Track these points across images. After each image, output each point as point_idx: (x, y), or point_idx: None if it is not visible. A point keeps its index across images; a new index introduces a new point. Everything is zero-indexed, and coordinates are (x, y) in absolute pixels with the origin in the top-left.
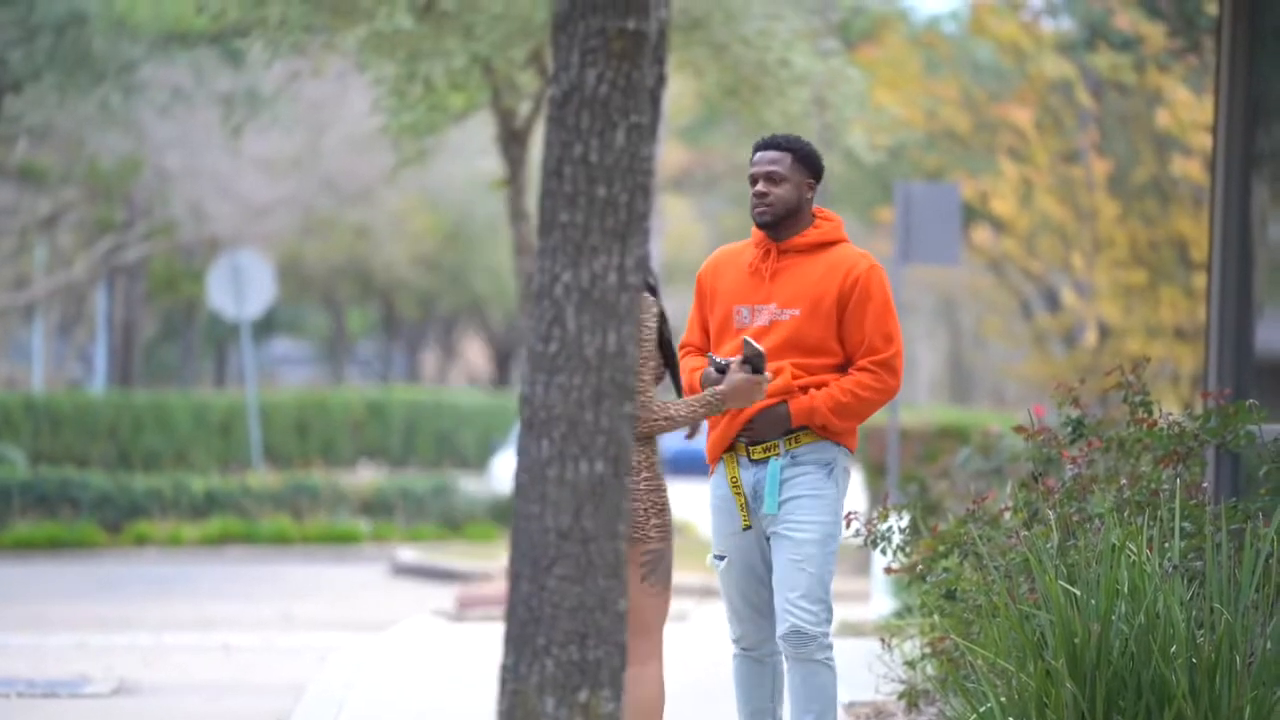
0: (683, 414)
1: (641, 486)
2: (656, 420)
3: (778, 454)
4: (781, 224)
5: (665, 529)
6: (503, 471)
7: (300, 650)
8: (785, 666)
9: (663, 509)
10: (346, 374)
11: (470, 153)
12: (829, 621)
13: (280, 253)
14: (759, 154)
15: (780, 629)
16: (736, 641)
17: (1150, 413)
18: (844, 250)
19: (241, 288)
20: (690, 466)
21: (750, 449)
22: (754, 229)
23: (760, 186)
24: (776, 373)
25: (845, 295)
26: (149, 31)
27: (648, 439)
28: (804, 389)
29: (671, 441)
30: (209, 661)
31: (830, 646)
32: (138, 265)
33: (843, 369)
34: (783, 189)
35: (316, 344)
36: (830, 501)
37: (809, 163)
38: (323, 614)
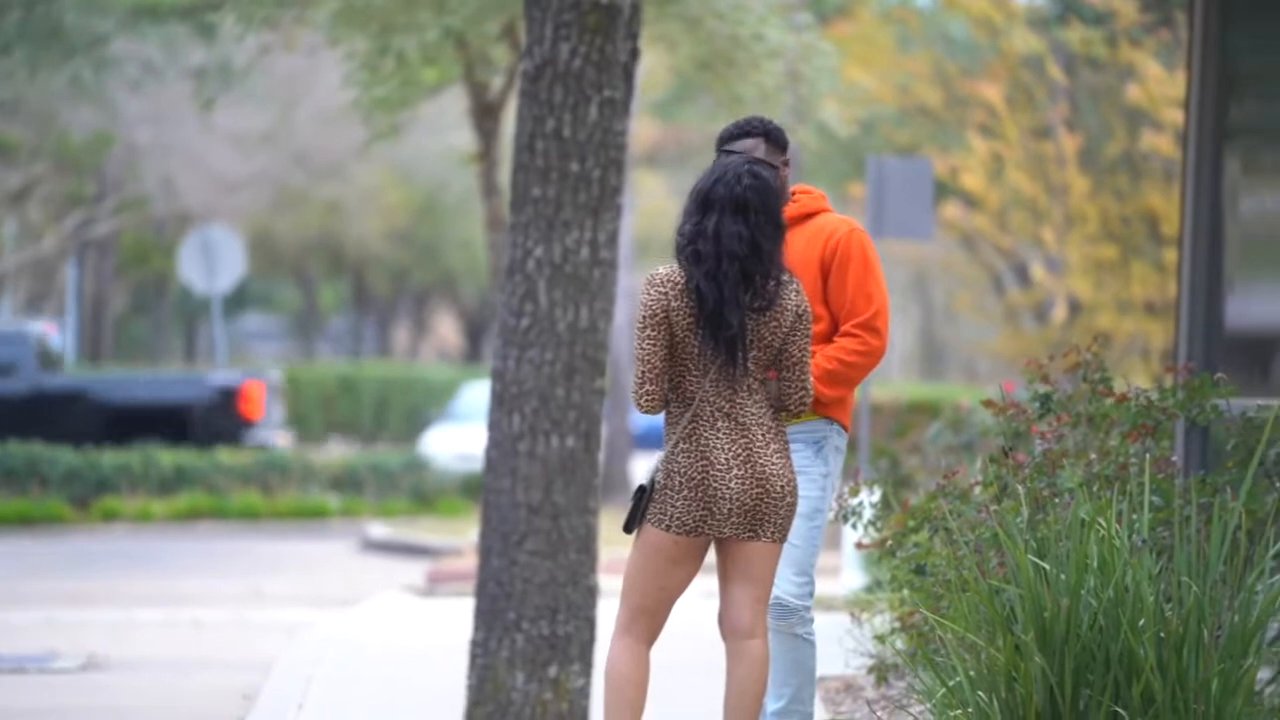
0: None
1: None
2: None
3: None
4: None
5: None
6: (435, 446)
7: (270, 626)
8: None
9: None
10: (318, 349)
11: (443, 127)
12: (811, 595)
13: (251, 227)
14: (736, 144)
15: None
16: None
17: (1110, 388)
18: (826, 218)
19: (212, 262)
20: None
21: None
22: None
23: None
24: None
25: (826, 261)
26: (120, 6)
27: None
28: None
29: (645, 417)
30: (178, 637)
31: (811, 621)
32: (108, 240)
33: (833, 336)
34: (776, 167)
35: (288, 319)
36: (817, 478)
37: (780, 141)
38: (293, 590)
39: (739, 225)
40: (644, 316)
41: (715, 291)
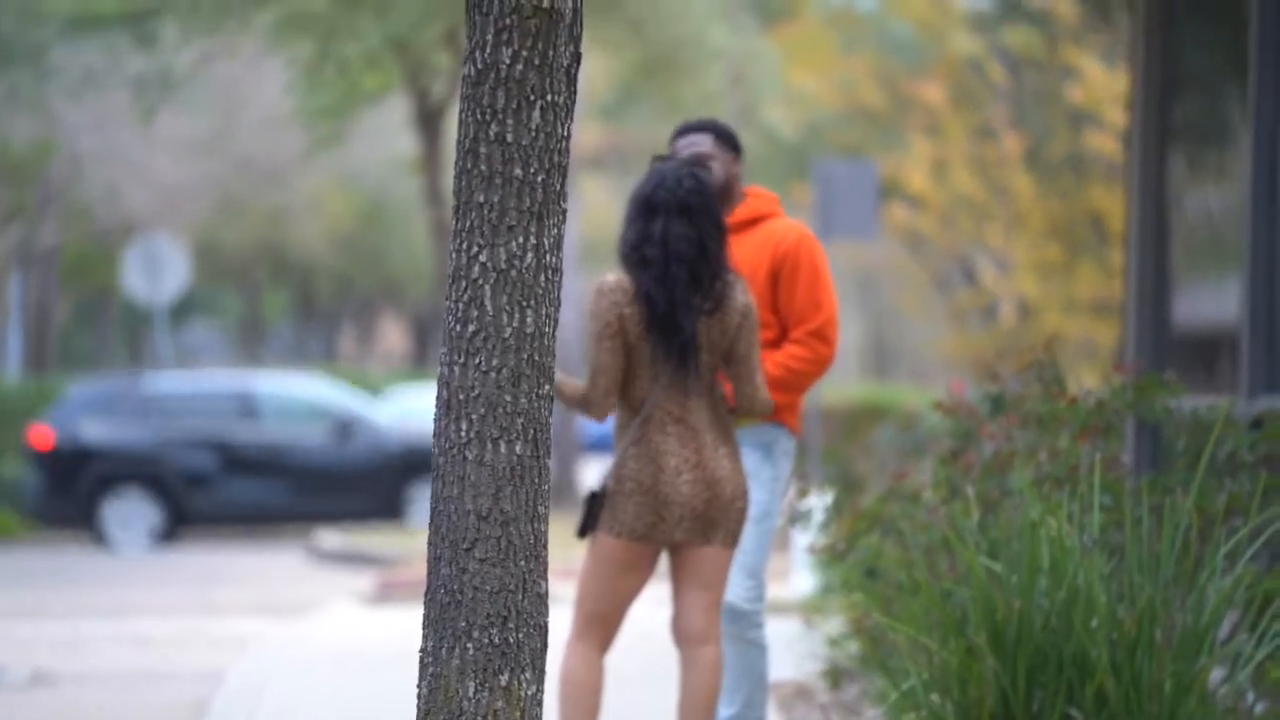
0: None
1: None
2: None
3: None
4: None
5: None
6: None
7: (220, 637)
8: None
9: None
10: (264, 357)
11: (387, 132)
12: (762, 600)
13: (195, 236)
14: (681, 140)
15: None
16: None
17: (1064, 389)
18: (776, 223)
19: (156, 271)
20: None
21: None
22: None
23: None
24: None
25: (777, 267)
26: (59, 14)
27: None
28: None
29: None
30: (127, 650)
31: (762, 625)
32: (51, 250)
33: (781, 342)
34: (712, 169)
35: (233, 328)
36: (766, 482)
37: (729, 140)
38: (242, 600)
39: (685, 227)
40: (601, 328)
41: (666, 295)
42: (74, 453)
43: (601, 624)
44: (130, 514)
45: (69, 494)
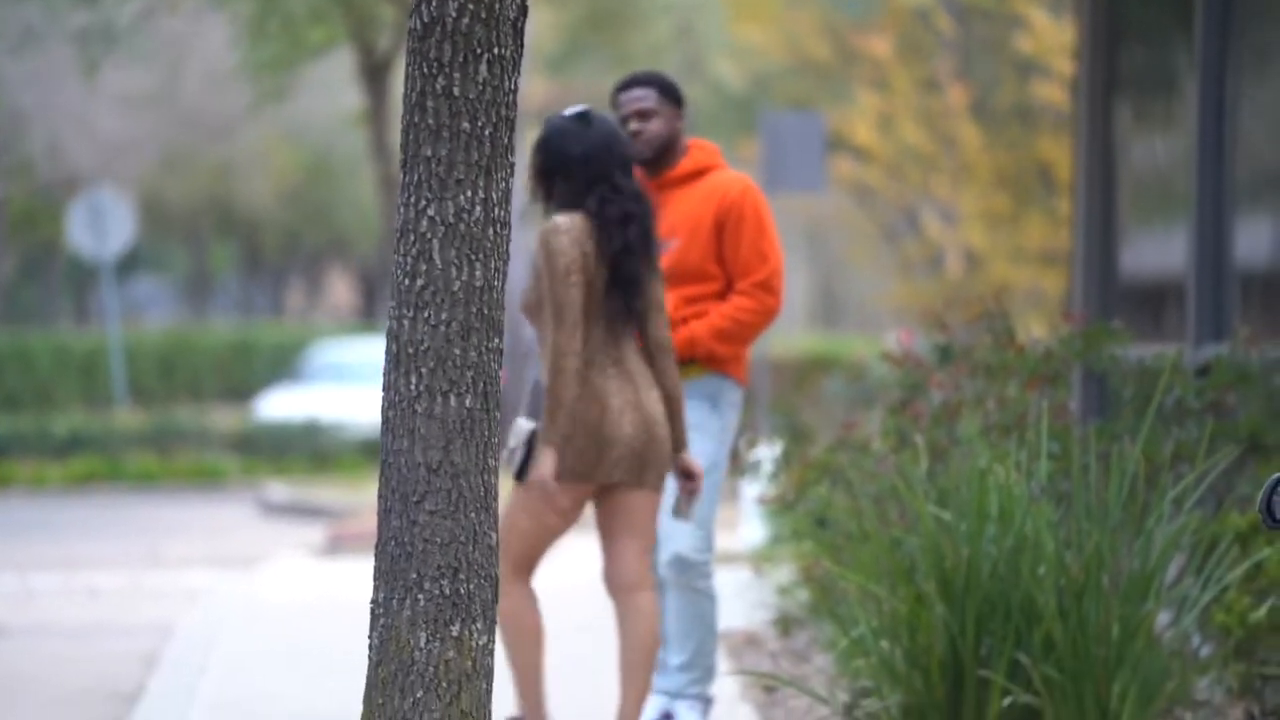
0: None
1: None
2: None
3: None
4: (660, 159)
5: None
6: (271, 410)
7: (170, 590)
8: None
9: None
10: (211, 311)
11: (333, 86)
12: (710, 550)
13: (140, 190)
14: (624, 94)
15: (663, 555)
16: None
17: (1013, 339)
18: (720, 175)
19: (101, 226)
20: None
21: None
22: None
23: (634, 125)
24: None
25: (721, 219)
26: None
27: None
28: (684, 320)
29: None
30: (76, 603)
31: (711, 575)
32: None
33: (726, 294)
34: (655, 123)
35: (180, 282)
36: (714, 433)
37: (673, 93)
38: (192, 553)
39: (635, 182)
40: (567, 263)
41: (621, 239)
42: None
43: (528, 561)
44: None
45: None
